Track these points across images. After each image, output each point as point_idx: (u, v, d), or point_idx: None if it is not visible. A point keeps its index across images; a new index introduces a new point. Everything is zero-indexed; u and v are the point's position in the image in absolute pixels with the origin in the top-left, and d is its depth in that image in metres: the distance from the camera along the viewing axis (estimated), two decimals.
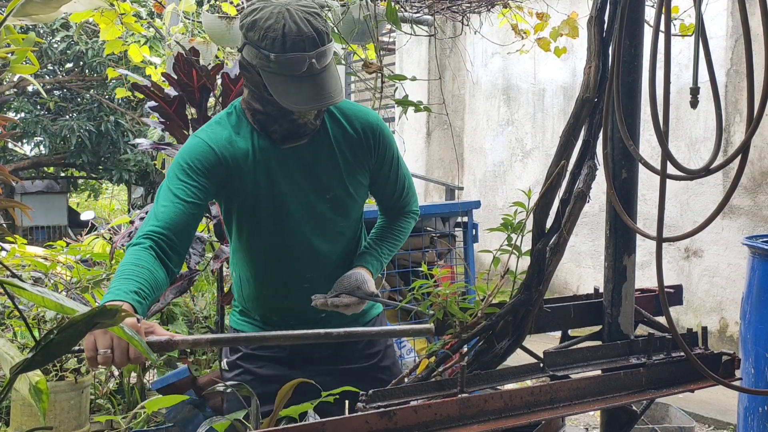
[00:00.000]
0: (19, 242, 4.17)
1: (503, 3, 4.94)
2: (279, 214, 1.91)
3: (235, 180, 1.86)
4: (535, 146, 7.24)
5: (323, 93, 1.75)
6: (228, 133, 1.88)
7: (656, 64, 1.27)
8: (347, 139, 1.94)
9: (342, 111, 1.97)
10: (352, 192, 1.97)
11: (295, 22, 1.71)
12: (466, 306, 1.42)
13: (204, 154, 1.83)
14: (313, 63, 1.72)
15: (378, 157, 1.99)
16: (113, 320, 1.19)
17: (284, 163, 1.89)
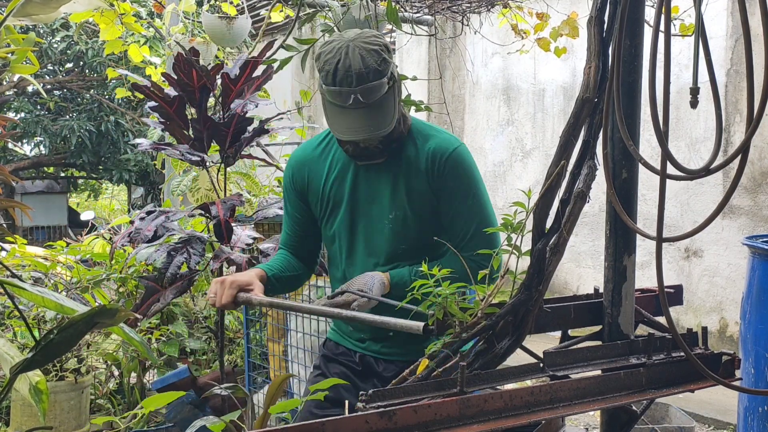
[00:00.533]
0: (19, 242, 4.17)
1: (503, 3, 4.94)
2: (347, 225, 2.05)
3: (310, 191, 2.10)
4: (535, 146, 7.24)
5: (362, 126, 1.87)
6: (312, 148, 2.12)
7: (656, 64, 1.27)
8: (416, 162, 1.99)
9: (422, 133, 2.03)
10: (414, 217, 1.98)
11: (349, 57, 1.85)
12: (466, 306, 1.42)
13: (287, 171, 2.16)
14: (357, 98, 1.84)
15: (439, 185, 1.98)
16: (113, 320, 1.19)
17: (358, 178, 2.03)
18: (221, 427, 1.40)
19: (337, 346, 2.18)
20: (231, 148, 2.85)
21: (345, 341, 2.16)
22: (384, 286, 1.93)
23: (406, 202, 1.99)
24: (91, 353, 3.75)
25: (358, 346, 2.13)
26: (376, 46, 1.88)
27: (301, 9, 3.73)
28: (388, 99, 1.89)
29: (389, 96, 1.89)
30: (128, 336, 1.43)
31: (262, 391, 3.63)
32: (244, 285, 1.94)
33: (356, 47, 1.86)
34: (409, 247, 2.01)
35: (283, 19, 5.42)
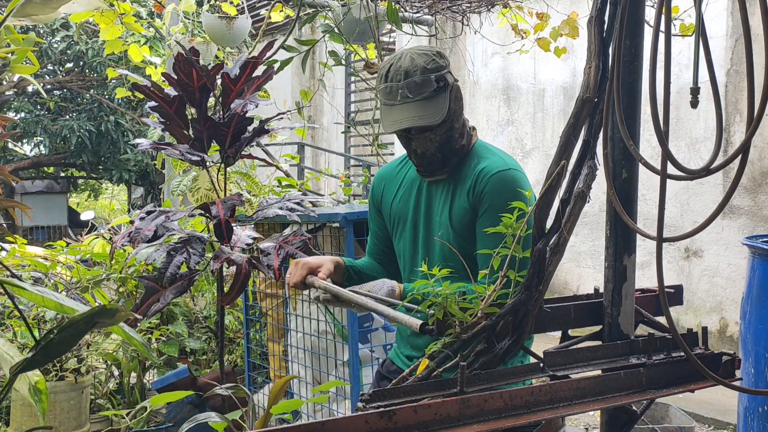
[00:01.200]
0: (19, 242, 4.17)
1: (503, 3, 4.94)
2: (409, 242, 2.11)
3: (383, 206, 2.20)
4: (535, 146, 7.24)
5: (407, 117, 1.93)
6: (393, 165, 2.23)
7: (656, 64, 1.27)
8: (464, 180, 2.01)
9: (481, 154, 2.04)
10: (453, 234, 1.99)
11: (401, 60, 1.96)
12: (466, 306, 1.42)
13: (372, 186, 2.27)
14: (405, 92, 1.92)
15: (475, 202, 1.97)
16: (113, 320, 1.19)
17: (421, 195, 2.09)
18: (223, 426, 1.40)
19: (392, 364, 2.22)
20: (231, 148, 2.84)
21: (398, 360, 2.20)
22: (393, 293, 1.92)
23: (449, 220, 2.01)
24: (91, 353, 3.75)
25: (407, 365, 2.13)
26: (429, 51, 1.99)
27: (301, 9, 3.73)
28: (438, 97, 1.94)
29: (439, 95, 1.94)
30: (128, 336, 1.43)
31: (263, 391, 3.63)
32: (314, 267, 2.02)
33: (410, 52, 1.98)
34: (458, 267, 1.90)
35: (283, 19, 5.42)
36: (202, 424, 1.43)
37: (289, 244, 2.66)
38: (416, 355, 2.13)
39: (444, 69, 1.98)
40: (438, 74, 1.95)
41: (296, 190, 4.22)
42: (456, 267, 1.93)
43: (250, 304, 3.71)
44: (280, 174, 4.42)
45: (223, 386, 1.57)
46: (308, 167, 9.23)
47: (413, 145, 1.99)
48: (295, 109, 4.18)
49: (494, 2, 5.07)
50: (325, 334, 3.18)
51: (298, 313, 3.31)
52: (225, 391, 1.55)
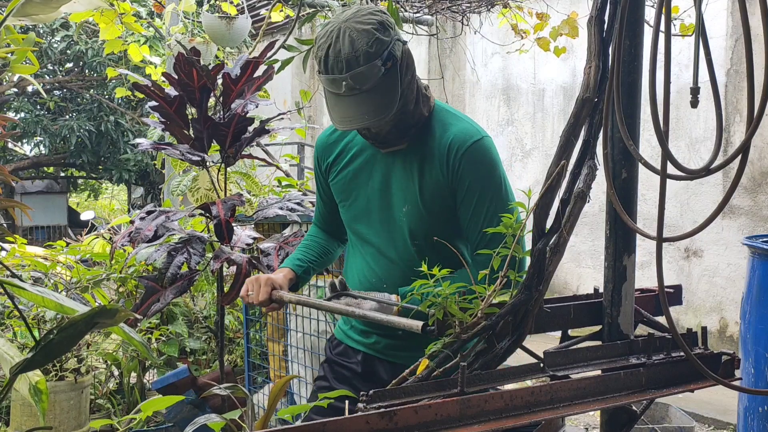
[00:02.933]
0: (19, 242, 4.17)
1: (503, 3, 4.94)
2: (362, 212, 1.98)
3: (331, 174, 2.04)
4: (535, 146, 7.24)
5: (357, 114, 1.75)
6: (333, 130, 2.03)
7: (656, 64, 1.27)
8: (431, 152, 1.86)
9: (444, 120, 1.88)
10: (427, 212, 1.87)
11: (339, 42, 1.73)
12: (466, 306, 1.42)
13: (314, 152, 2.10)
14: (349, 83, 1.72)
15: (455, 180, 1.83)
16: (113, 320, 1.19)
17: (376, 165, 1.94)
18: (221, 425, 1.40)
19: (339, 344, 2.12)
20: (231, 148, 2.85)
21: (348, 339, 2.09)
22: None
23: (418, 195, 1.87)
24: (91, 353, 3.75)
25: (361, 344, 2.06)
26: (369, 24, 1.73)
27: (301, 9, 3.73)
28: (388, 81, 1.75)
29: (388, 78, 1.75)
30: (128, 336, 1.43)
31: (263, 391, 3.63)
32: (278, 284, 1.96)
33: (347, 29, 1.72)
34: (425, 246, 1.89)
35: (283, 19, 5.42)
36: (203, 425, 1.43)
37: (290, 245, 2.67)
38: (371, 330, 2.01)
39: (389, 44, 1.74)
40: (384, 56, 1.73)
41: (296, 190, 4.22)
42: (424, 247, 1.89)
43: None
44: (280, 174, 4.42)
45: (222, 386, 1.57)
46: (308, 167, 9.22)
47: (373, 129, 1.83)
48: (295, 110, 4.18)
49: (494, 2, 5.08)
50: (325, 334, 3.18)
51: (298, 313, 3.32)
52: (224, 391, 1.55)
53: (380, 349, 2.03)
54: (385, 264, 1.97)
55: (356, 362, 2.08)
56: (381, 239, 1.96)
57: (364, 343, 2.07)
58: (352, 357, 2.09)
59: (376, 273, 1.99)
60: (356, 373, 2.07)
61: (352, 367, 2.08)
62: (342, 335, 2.13)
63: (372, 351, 2.05)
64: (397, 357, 2.00)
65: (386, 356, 2.03)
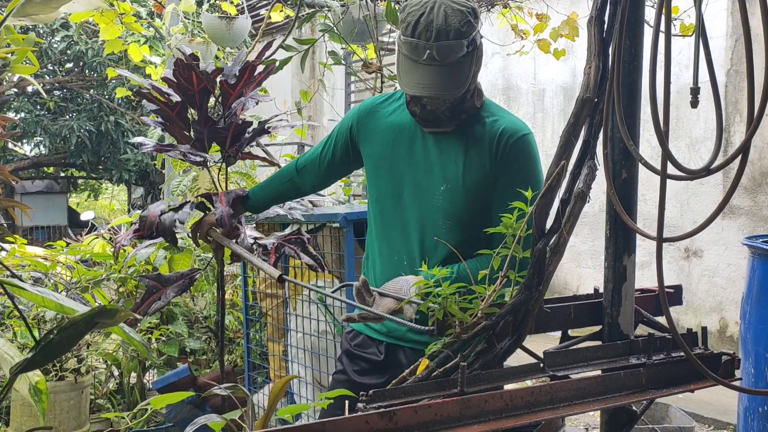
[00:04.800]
0: (19, 242, 4.17)
1: (503, 3, 4.94)
2: (394, 189, 2.00)
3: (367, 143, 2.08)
4: None
5: (433, 83, 1.81)
6: (385, 100, 2.09)
7: (656, 64, 1.27)
8: (481, 139, 1.92)
9: (493, 112, 1.97)
10: (465, 195, 1.91)
11: (433, 13, 1.79)
12: (466, 306, 1.42)
13: (352, 114, 2.13)
14: (432, 54, 1.78)
15: (500, 167, 1.90)
16: (113, 320, 1.19)
17: (416, 143, 1.97)
18: (222, 425, 1.40)
19: (357, 335, 2.11)
20: (231, 148, 2.86)
21: (367, 329, 2.08)
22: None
23: (462, 177, 1.92)
24: (91, 353, 3.75)
25: (382, 333, 2.05)
26: (464, 7, 1.82)
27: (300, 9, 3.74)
28: (465, 63, 1.83)
29: (466, 60, 1.83)
30: (128, 336, 1.43)
31: (263, 391, 3.63)
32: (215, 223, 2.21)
33: (443, 4, 1.81)
34: (453, 225, 1.93)
35: (283, 19, 5.42)
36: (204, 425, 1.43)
37: (290, 243, 2.68)
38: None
39: (475, 30, 1.84)
40: (469, 38, 1.82)
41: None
42: (452, 226, 1.93)
43: (250, 304, 3.71)
44: None
45: (222, 386, 1.57)
46: None
47: (424, 101, 1.89)
48: (295, 110, 4.18)
49: (494, 2, 5.07)
50: (325, 334, 3.18)
51: (298, 313, 3.32)
52: (224, 391, 1.55)
53: (401, 336, 2.02)
54: (411, 244, 1.97)
55: (377, 352, 2.06)
56: (412, 214, 1.98)
57: (385, 332, 2.05)
58: (371, 347, 2.08)
59: (399, 252, 1.99)
60: (378, 363, 2.05)
61: (373, 358, 2.07)
62: (360, 326, 2.12)
63: (393, 339, 2.04)
64: (419, 343, 1.99)
65: (408, 343, 2.02)
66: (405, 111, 2.02)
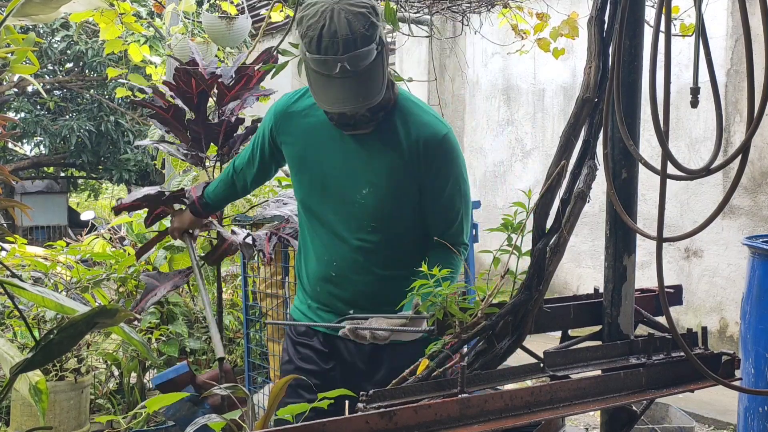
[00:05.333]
0: (19, 242, 4.17)
1: (503, 3, 4.94)
2: (317, 190, 1.99)
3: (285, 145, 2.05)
4: (535, 146, 7.24)
5: (350, 96, 1.77)
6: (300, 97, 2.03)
7: (656, 64, 1.27)
8: (402, 141, 1.90)
9: (410, 110, 1.93)
10: (389, 196, 1.91)
11: (334, 22, 1.71)
12: (466, 306, 1.42)
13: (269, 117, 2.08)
14: (344, 66, 1.72)
15: (427, 171, 1.90)
16: (113, 320, 1.19)
17: (337, 145, 1.94)
18: (221, 425, 1.40)
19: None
20: (225, 146, 2.93)
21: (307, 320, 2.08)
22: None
23: (385, 179, 1.91)
24: (91, 353, 3.75)
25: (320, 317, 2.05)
26: (363, 8, 1.75)
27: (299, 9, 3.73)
28: (377, 66, 1.78)
29: (378, 62, 1.78)
30: (128, 336, 1.43)
31: (263, 391, 3.63)
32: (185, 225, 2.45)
33: (342, 10, 1.72)
34: (378, 226, 1.93)
35: (284, 19, 5.42)
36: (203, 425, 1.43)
37: (281, 231, 2.75)
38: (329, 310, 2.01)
39: (379, 28, 1.78)
40: (376, 39, 1.76)
41: None
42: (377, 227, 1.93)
43: (250, 304, 3.72)
44: (280, 174, 4.42)
45: (222, 386, 1.57)
46: None
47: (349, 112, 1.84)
48: None
49: (494, 2, 5.07)
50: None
51: None
52: (224, 391, 1.55)
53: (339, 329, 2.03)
54: (338, 244, 1.97)
55: (319, 341, 2.07)
56: (337, 218, 1.97)
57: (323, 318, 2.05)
58: (314, 336, 2.08)
59: (328, 251, 1.99)
60: (320, 351, 2.05)
61: (316, 346, 2.07)
62: (300, 315, 2.12)
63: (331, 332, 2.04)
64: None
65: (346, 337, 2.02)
66: (315, 111, 1.97)
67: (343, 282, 1.98)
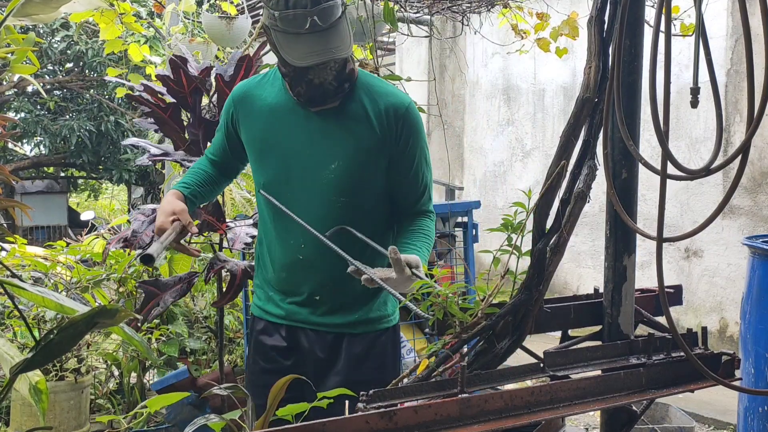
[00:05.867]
0: (19, 242, 4.17)
1: (503, 3, 4.94)
2: (281, 171, 1.97)
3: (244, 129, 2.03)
4: (535, 146, 7.24)
5: (324, 48, 1.79)
6: (258, 83, 2.04)
7: (656, 64, 1.27)
8: (367, 114, 1.93)
9: (373, 86, 1.98)
10: (359, 169, 1.93)
11: None
12: (466, 306, 1.42)
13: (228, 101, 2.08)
14: (315, 20, 1.76)
15: (396, 142, 1.94)
16: (113, 320, 1.19)
17: (301, 123, 1.95)
18: (221, 425, 1.40)
19: (260, 322, 2.10)
20: None
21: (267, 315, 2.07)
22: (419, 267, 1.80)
23: (353, 150, 1.92)
24: (91, 353, 3.75)
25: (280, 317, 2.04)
26: None
27: None
28: (343, 23, 1.83)
29: (343, 20, 1.83)
30: (128, 336, 1.43)
31: None
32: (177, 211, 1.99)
33: None
34: (347, 201, 1.94)
35: None
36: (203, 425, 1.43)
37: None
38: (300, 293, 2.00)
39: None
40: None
41: None
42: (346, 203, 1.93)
43: (250, 304, 3.71)
44: None
45: (222, 386, 1.57)
46: None
47: (310, 75, 1.85)
48: None
49: (494, 2, 5.07)
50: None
51: None
52: (224, 391, 1.55)
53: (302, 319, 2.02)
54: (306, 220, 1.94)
55: (280, 338, 2.05)
56: (303, 194, 1.96)
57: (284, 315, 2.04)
58: (274, 333, 2.06)
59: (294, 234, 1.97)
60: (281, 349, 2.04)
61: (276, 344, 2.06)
62: (261, 312, 2.10)
63: (293, 322, 2.03)
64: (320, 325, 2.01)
65: (309, 325, 2.02)
66: (281, 92, 1.98)
67: (311, 265, 1.97)
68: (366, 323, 2.01)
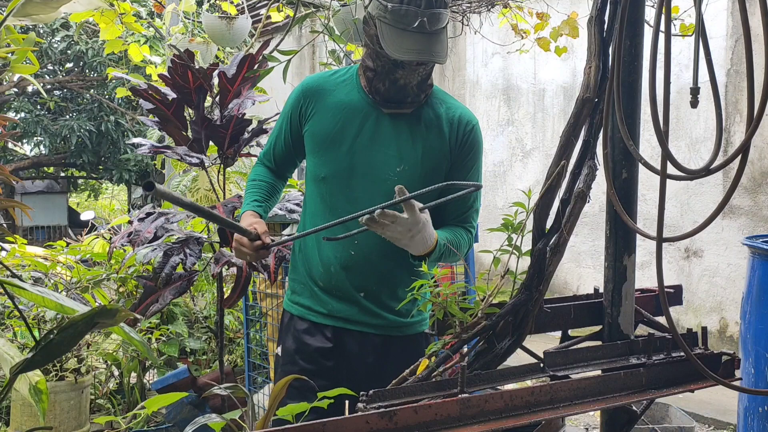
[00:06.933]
0: (19, 242, 4.17)
1: (503, 3, 4.94)
2: (344, 168, 1.99)
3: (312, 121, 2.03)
4: (535, 146, 7.24)
5: (426, 49, 1.85)
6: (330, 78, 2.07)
7: (656, 64, 1.27)
8: (438, 123, 1.99)
9: (445, 99, 2.05)
10: (423, 174, 1.97)
11: None
12: (466, 306, 1.42)
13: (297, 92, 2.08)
14: (424, 21, 1.82)
15: (459, 152, 2.00)
16: (113, 320, 1.19)
17: (370, 123, 1.99)
18: (221, 425, 1.40)
19: (303, 322, 2.07)
20: (230, 149, 2.85)
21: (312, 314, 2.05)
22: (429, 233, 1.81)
23: (420, 158, 1.98)
24: (91, 353, 3.75)
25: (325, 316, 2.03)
26: None
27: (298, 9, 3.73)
28: (444, 33, 1.89)
29: (445, 31, 1.90)
30: (128, 336, 1.43)
31: (263, 391, 3.63)
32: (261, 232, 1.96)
33: None
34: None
35: (283, 19, 5.42)
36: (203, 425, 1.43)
37: (287, 247, 2.67)
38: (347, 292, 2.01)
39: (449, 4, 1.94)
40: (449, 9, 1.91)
41: (296, 190, 4.22)
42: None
43: (250, 304, 3.71)
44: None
45: (222, 386, 1.57)
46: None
47: (398, 74, 1.91)
48: None
49: (494, 2, 5.08)
50: None
51: None
52: (224, 391, 1.55)
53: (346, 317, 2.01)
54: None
55: (323, 338, 2.04)
56: (363, 192, 1.97)
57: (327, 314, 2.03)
58: (317, 334, 2.05)
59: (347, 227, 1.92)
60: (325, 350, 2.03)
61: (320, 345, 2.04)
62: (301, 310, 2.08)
63: (339, 322, 2.02)
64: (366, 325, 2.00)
65: (355, 325, 2.02)
66: (354, 90, 2.02)
67: (361, 265, 1.98)
68: (409, 326, 2.03)
